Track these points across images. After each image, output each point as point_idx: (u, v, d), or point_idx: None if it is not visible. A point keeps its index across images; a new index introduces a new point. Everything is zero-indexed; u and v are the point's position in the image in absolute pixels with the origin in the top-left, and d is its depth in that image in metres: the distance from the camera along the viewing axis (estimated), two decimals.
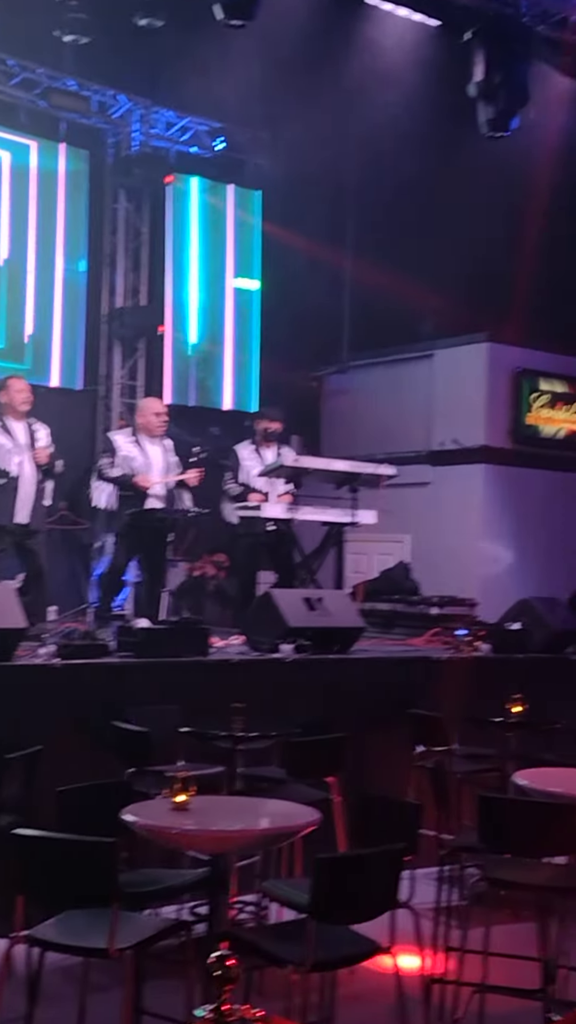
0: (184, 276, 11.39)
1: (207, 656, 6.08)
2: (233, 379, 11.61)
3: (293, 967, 2.99)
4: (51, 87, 10.42)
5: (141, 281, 11.41)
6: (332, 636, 6.53)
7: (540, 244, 10.56)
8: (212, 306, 11.51)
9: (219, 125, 11.45)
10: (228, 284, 11.57)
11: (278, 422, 8.25)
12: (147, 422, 7.43)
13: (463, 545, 10.39)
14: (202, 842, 3.40)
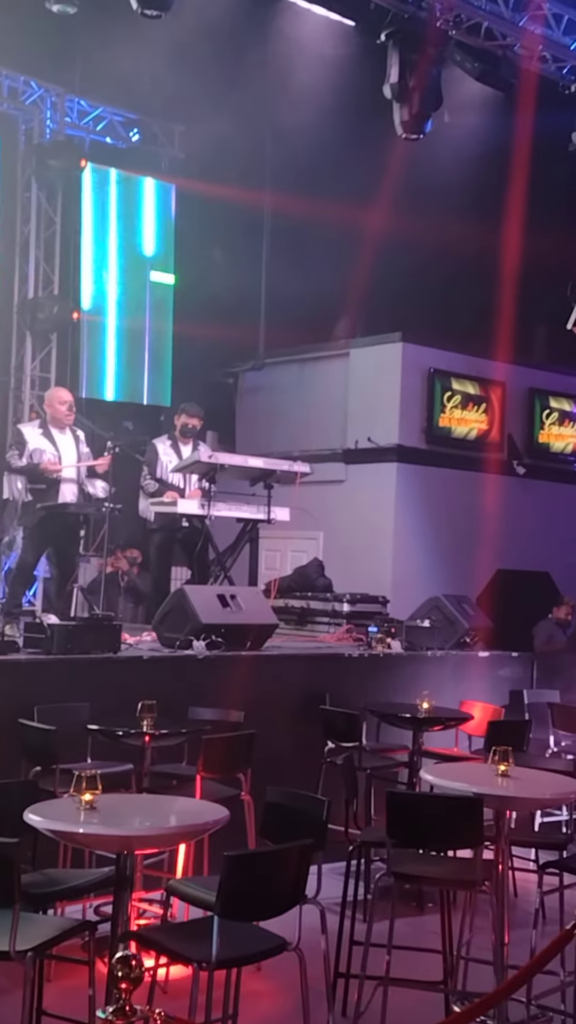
0: (99, 268, 11.25)
1: (118, 653, 6.02)
2: (148, 374, 11.51)
3: (198, 965, 2.98)
4: None
5: (54, 271, 11.23)
6: (245, 633, 6.52)
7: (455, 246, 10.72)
8: (126, 299, 11.39)
9: (134, 116, 11.34)
10: (143, 277, 11.46)
11: (197, 418, 8.22)
12: (55, 412, 7.31)
13: (376, 543, 10.49)
14: (107, 842, 3.36)
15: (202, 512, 7.76)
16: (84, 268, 11.17)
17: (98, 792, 3.39)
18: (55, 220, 11.20)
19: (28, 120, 11.07)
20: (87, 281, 11.17)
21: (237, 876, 3.09)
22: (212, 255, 11.04)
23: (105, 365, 11.31)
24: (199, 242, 11.14)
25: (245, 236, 11.26)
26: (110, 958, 2.19)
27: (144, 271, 11.47)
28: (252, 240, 11.49)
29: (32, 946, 3.06)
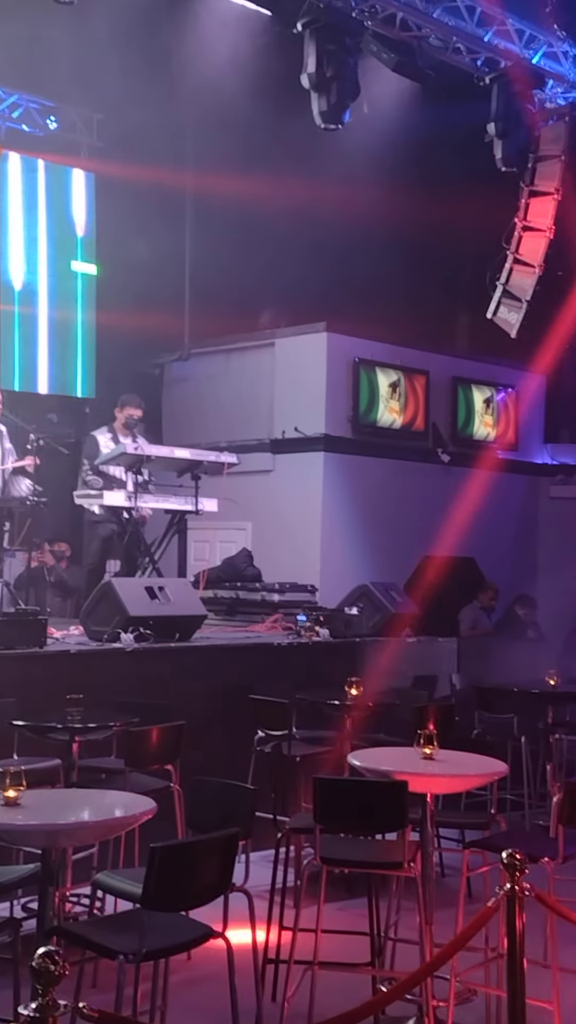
0: (14, 257, 11.06)
1: (44, 647, 5.97)
2: (71, 365, 11.37)
3: (124, 958, 2.98)
4: None
5: None
6: (174, 624, 6.52)
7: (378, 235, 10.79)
8: (47, 289, 11.22)
9: (51, 104, 11.16)
10: (64, 267, 11.31)
11: (140, 409, 8.21)
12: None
13: (304, 532, 10.53)
14: (32, 837, 3.34)
15: (129, 504, 7.73)
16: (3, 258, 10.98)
17: (22, 788, 3.36)
18: None
19: None
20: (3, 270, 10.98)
21: (163, 867, 3.10)
22: (134, 244, 10.94)
23: (27, 356, 11.13)
24: (121, 231, 11.02)
25: (167, 225, 11.18)
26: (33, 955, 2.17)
27: (66, 261, 11.32)
28: (175, 229, 11.41)
29: None
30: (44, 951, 2.20)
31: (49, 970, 2.17)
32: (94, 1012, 2.24)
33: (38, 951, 2.19)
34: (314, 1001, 3.58)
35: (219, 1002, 3.36)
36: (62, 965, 2.17)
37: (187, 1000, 3.85)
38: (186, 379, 12.12)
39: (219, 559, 9.87)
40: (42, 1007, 2.16)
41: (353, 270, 11.05)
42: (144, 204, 10.75)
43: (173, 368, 12.25)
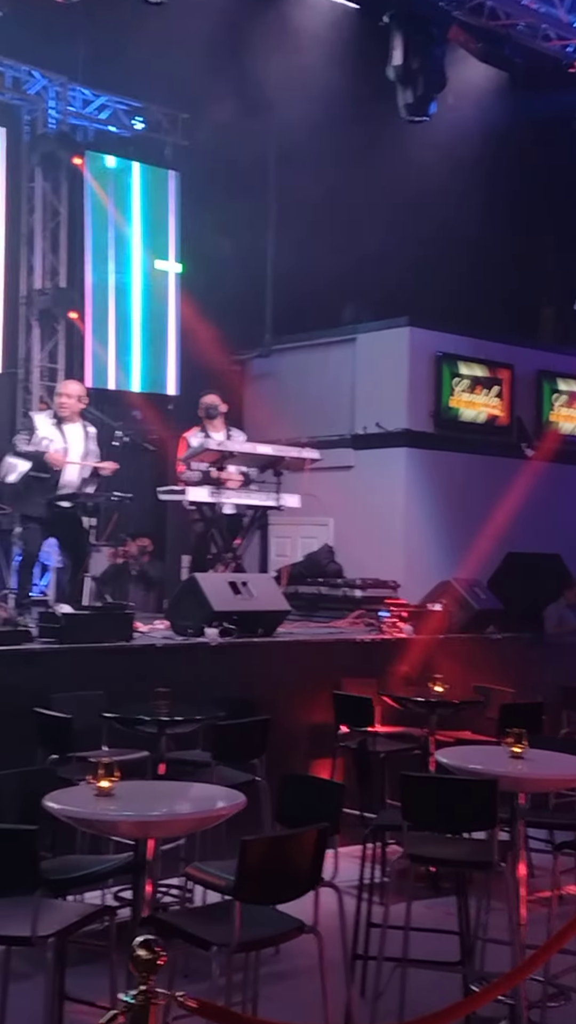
0: (104, 258, 11.24)
1: (131, 641, 6.05)
2: (155, 363, 11.52)
3: (217, 949, 3.01)
4: None
5: (60, 262, 11.22)
6: (257, 620, 6.55)
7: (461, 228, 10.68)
8: (133, 288, 11.38)
9: (138, 104, 11.30)
10: (149, 266, 11.45)
11: (213, 396, 8.31)
12: (64, 403, 7.32)
13: (386, 528, 10.49)
14: (125, 828, 3.39)
15: (212, 500, 7.79)
16: (89, 258, 11.17)
17: (115, 779, 3.41)
18: (60, 211, 11.19)
19: (32, 110, 11.04)
20: (93, 271, 11.17)
21: (255, 860, 3.12)
22: (218, 242, 11.02)
23: (112, 355, 11.31)
24: (205, 229, 11.12)
25: (251, 222, 11.23)
26: (130, 943, 2.20)
27: (150, 260, 11.46)
28: (258, 225, 11.46)
29: (53, 931, 3.09)
30: (143, 940, 2.23)
31: (148, 958, 2.19)
32: (192, 1001, 2.26)
33: (136, 940, 2.22)
34: (405, 999, 3.56)
35: (308, 996, 3.37)
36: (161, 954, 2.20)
37: (276, 993, 3.87)
38: (268, 375, 12.17)
39: (300, 555, 9.88)
40: (142, 994, 2.19)
41: (436, 264, 10.96)
42: (228, 201, 10.82)
43: (255, 364, 12.30)
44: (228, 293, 10.89)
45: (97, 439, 7.45)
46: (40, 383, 11.10)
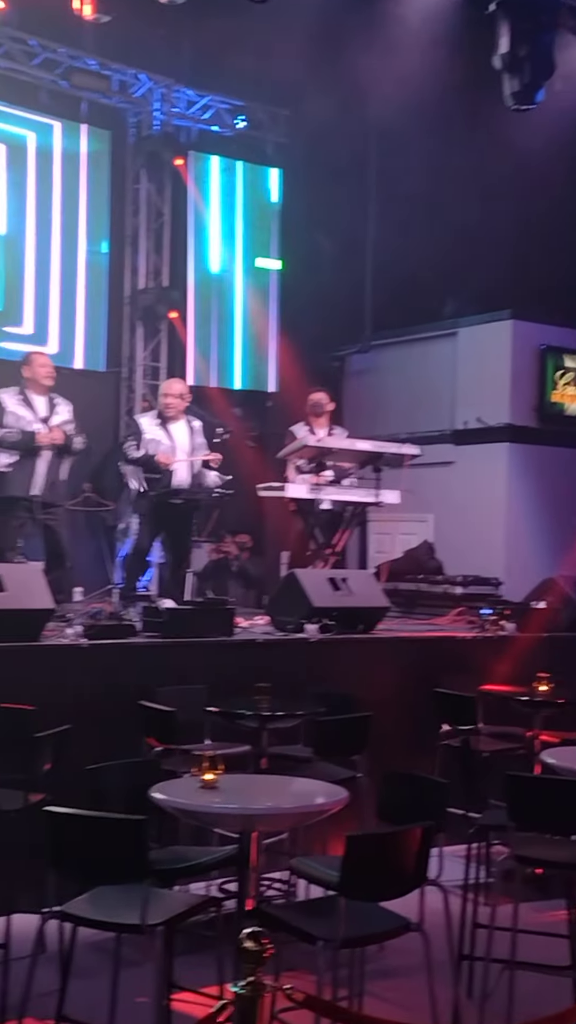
0: (205, 256, 11.37)
1: (232, 636, 6.10)
2: (255, 360, 11.59)
3: (323, 943, 3.01)
4: (72, 67, 10.39)
5: (163, 262, 11.39)
6: (356, 616, 6.53)
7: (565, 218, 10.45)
8: (234, 286, 11.48)
9: (240, 103, 11.38)
10: (249, 264, 11.53)
11: (320, 393, 8.33)
12: (170, 403, 7.43)
13: (487, 524, 10.35)
14: (231, 820, 3.42)
15: (311, 496, 7.80)
16: (191, 257, 11.31)
17: (220, 772, 3.44)
18: (163, 211, 11.35)
19: (137, 113, 11.24)
20: (195, 270, 11.31)
21: (361, 856, 3.11)
22: (318, 238, 11.03)
23: (213, 352, 11.43)
24: (305, 226, 11.14)
25: (350, 217, 11.21)
26: (236, 934, 2.22)
27: (251, 257, 11.55)
28: (357, 221, 11.43)
29: (162, 920, 3.14)
30: (251, 931, 2.24)
31: (256, 950, 2.20)
32: (300, 994, 2.27)
33: (244, 931, 2.23)
34: (513, 1002, 3.51)
35: (413, 996, 3.34)
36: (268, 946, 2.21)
37: (381, 991, 3.85)
38: (367, 371, 12.13)
39: (400, 551, 9.83)
40: (251, 986, 2.20)
41: (539, 255, 10.75)
42: (328, 197, 10.82)
43: (354, 360, 12.28)
44: (328, 289, 10.89)
45: (203, 431, 7.55)
46: (143, 382, 11.28)
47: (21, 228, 10.51)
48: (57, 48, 10.27)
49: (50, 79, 10.41)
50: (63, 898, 3.32)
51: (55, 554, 6.86)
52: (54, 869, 3.33)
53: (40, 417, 6.80)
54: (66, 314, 10.76)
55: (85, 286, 10.89)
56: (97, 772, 3.79)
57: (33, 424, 6.74)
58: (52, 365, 7.03)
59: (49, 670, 5.18)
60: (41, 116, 10.58)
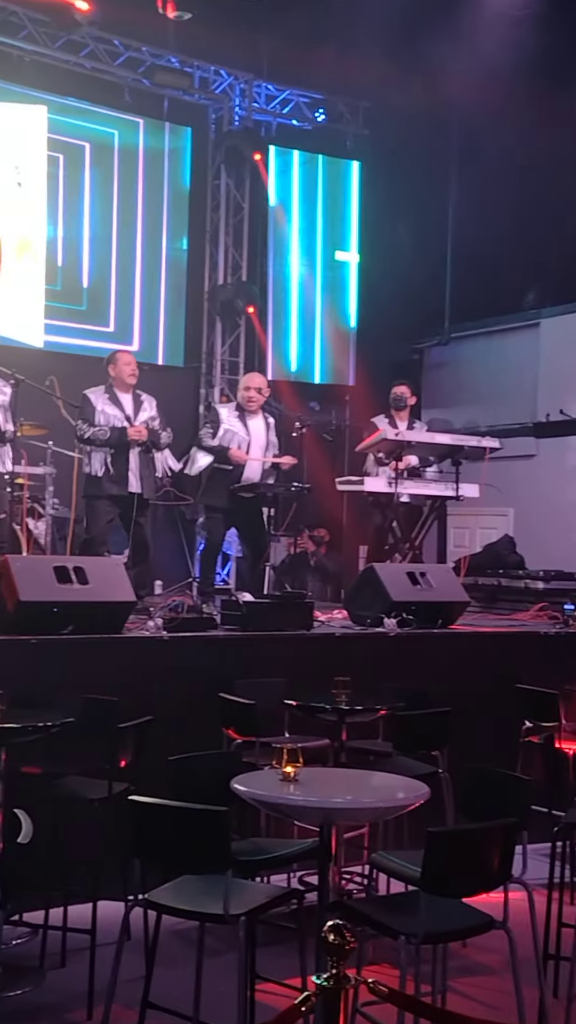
0: (284, 250, 11.39)
1: (311, 630, 6.11)
2: (333, 353, 11.57)
3: (406, 939, 2.99)
4: (155, 65, 10.50)
5: (242, 257, 11.43)
6: (436, 610, 6.48)
7: None
8: (312, 279, 11.47)
9: (319, 96, 11.37)
10: (328, 257, 11.52)
11: (403, 386, 8.30)
12: (248, 397, 7.46)
13: (570, 518, 10.17)
14: (311, 813, 3.42)
15: (390, 490, 7.77)
16: (271, 251, 11.34)
17: (300, 765, 3.45)
18: (243, 206, 11.40)
19: (218, 109, 11.30)
20: (274, 264, 11.34)
21: (442, 852, 3.08)
22: (397, 230, 10.95)
23: (291, 346, 11.45)
24: (384, 218, 11.08)
25: (430, 209, 11.10)
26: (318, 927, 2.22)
27: (330, 251, 11.54)
28: (437, 212, 11.32)
29: (244, 911, 3.16)
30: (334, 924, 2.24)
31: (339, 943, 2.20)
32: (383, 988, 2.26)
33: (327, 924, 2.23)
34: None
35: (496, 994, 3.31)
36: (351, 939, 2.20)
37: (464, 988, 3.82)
38: (446, 363, 12.01)
39: (479, 546, 9.72)
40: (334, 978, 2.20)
41: None
42: (407, 188, 10.74)
43: (433, 353, 12.17)
44: (407, 281, 10.81)
45: (276, 429, 7.57)
46: (221, 376, 11.35)
47: (107, 227, 10.68)
48: (140, 47, 10.39)
49: (133, 78, 10.54)
50: (147, 886, 3.36)
51: (140, 549, 6.96)
52: (138, 857, 3.38)
53: (127, 414, 6.90)
54: (147, 311, 10.89)
55: (165, 282, 11.01)
56: (178, 763, 3.82)
57: (122, 421, 6.85)
58: (136, 363, 7.12)
59: (131, 662, 5.25)
60: (124, 114, 10.71)
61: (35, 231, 10.13)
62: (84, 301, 10.57)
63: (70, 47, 10.04)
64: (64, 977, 3.99)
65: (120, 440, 6.77)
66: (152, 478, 7.01)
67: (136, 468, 6.84)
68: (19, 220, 10.05)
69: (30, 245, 10.11)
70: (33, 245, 10.12)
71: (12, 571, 5.07)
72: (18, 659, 4.89)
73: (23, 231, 10.06)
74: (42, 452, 7.99)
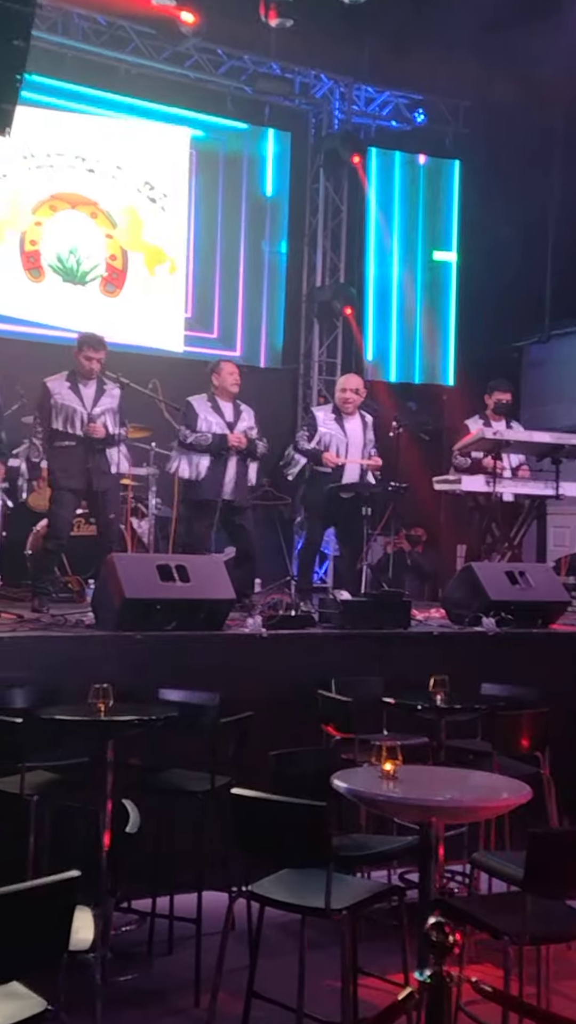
0: (384, 251, 11.38)
1: (408, 628, 6.11)
2: (431, 353, 11.51)
3: (509, 939, 2.99)
4: (257, 72, 10.61)
5: (340, 259, 11.46)
6: (535, 610, 6.41)
7: None
8: (410, 280, 11.44)
9: (419, 97, 11.32)
10: (426, 257, 11.47)
11: (509, 393, 8.21)
12: (345, 398, 7.50)
13: None
14: (412, 810, 3.43)
15: (487, 489, 7.70)
16: (370, 253, 11.36)
17: (399, 762, 3.46)
18: (341, 208, 11.43)
19: (317, 113, 11.36)
20: (372, 265, 11.36)
21: (545, 853, 3.07)
22: (497, 228, 10.82)
23: (389, 347, 11.43)
24: (483, 217, 10.97)
25: (530, 207, 10.95)
26: (420, 924, 2.23)
27: (427, 251, 11.49)
28: (538, 209, 11.15)
29: (346, 905, 3.19)
30: (436, 922, 2.25)
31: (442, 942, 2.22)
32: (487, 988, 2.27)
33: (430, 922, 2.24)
34: None
35: None
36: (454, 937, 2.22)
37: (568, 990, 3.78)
38: (546, 361, 11.83)
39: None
40: (437, 976, 2.21)
41: None
42: (508, 186, 10.61)
43: (532, 351, 12.00)
44: (506, 280, 10.68)
45: (373, 428, 7.59)
46: (319, 378, 11.40)
47: (212, 234, 10.85)
48: (242, 55, 10.51)
49: (235, 86, 10.66)
50: (249, 878, 3.42)
51: (244, 551, 7.08)
52: (241, 850, 3.44)
53: (228, 422, 7.02)
54: (249, 314, 11.03)
55: (266, 286, 11.14)
56: (279, 758, 3.88)
57: (223, 428, 6.97)
58: (238, 372, 7.22)
59: (231, 658, 5.34)
60: (227, 122, 10.87)
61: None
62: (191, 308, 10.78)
63: (175, 59, 10.22)
64: (171, 964, 4.09)
65: (220, 446, 6.89)
66: (246, 486, 7.11)
67: (232, 475, 6.95)
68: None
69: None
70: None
71: (117, 569, 5.21)
72: (124, 654, 5.02)
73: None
74: (145, 453, 8.17)
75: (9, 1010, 2.51)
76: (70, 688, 4.18)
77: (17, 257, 9.94)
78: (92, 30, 9.88)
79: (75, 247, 10.17)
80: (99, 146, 10.27)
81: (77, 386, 6.60)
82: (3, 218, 9.88)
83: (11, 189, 9.88)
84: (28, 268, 10.00)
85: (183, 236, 10.72)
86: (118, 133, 10.38)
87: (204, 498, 6.91)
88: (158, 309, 10.55)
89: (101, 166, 10.31)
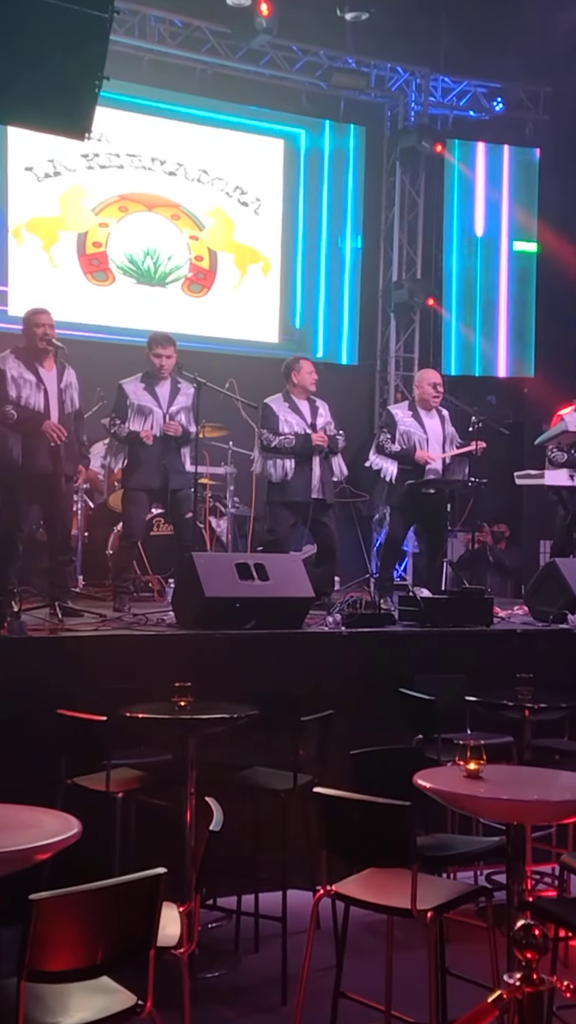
0: (463, 243, 11.25)
1: (491, 626, 6.02)
2: (511, 346, 11.34)
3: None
4: (332, 67, 10.58)
5: (416, 253, 11.36)
6: None
7: None
8: (489, 272, 11.28)
9: (497, 85, 11.15)
10: (505, 248, 11.30)
11: None
12: (424, 393, 7.43)
13: None
14: (499, 810, 3.37)
15: (572, 484, 7.57)
16: (450, 245, 11.24)
17: (483, 762, 3.41)
18: (418, 202, 11.33)
19: (393, 106, 11.28)
20: (451, 257, 11.24)
21: None
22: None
23: (467, 341, 11.30)
24: (564, 206, 10.76)
25: None
26: (508, 926, 2.19)
27: (506, 242, 11.32)
28: None
29: (432, 906, 3.15)
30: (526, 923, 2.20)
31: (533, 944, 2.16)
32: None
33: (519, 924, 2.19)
34: None
35: None
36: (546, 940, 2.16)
37: None
38: None
39: None
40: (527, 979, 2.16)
41: None
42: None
43: None
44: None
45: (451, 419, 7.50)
46: (396, 373, 11.33)
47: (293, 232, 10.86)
48: (318, 51, 10.48)
49: (311, 82, 10.65)
50: (333, 877, 3.40)
51: (326, 549, 7.06)
52: (325, 849, 3.42)
53: (310, 421, 7.00)
54: (329, 311, 11.03)
55: (343, 282, 11.11)
56: (361, 757, 3.85)
57: (304, 428, 6.95)
58: (315, 370, 7.19)
59: (311, 657, 5.33)
60: (301, 118, 10.87)
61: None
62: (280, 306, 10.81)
63: (250, 57, 10.25)
64: (258, 962, 4.10)
65: (305, 447, 6.86)
66: (331, 482, 7.08)
67: (319, 473, 6.92)
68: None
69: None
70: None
71: (196, 568, 5.24)
72: (204, 653, 5.05)
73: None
74: (223, 452, 8.21)
75: (100, 1004, 2.54)
76: (152, 686, 4.21)
77: (74, 258, 9.84)
78: (168, 32, 9.96)
79: (152, 249, 10.22)
80: (178, 149, 10.28)
81: (152, 386, 6.66)
82: (56, 215, 9.78)
83: (67, 188, 9.77)
84: (90, 271, 9.91)
85: (275, 236, 10.74)
86: (198, 135, 10.39)
87: (293, 499, 6.87)
88: (250, 308, 10.55)
89: (184, 169, 10.34)
